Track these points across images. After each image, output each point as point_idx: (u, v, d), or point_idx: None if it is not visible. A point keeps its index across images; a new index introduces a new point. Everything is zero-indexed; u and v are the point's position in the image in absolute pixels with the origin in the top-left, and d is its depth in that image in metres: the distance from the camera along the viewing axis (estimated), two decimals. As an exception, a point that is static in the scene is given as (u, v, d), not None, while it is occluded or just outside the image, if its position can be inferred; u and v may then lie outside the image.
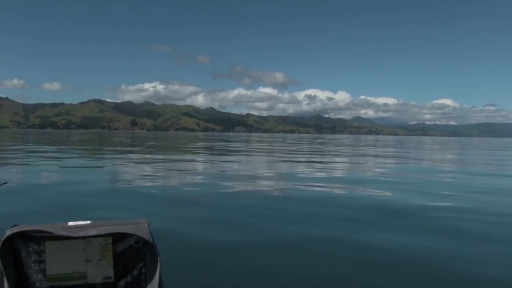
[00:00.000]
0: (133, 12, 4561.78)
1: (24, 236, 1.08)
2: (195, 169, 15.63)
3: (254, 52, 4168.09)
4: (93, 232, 1.06)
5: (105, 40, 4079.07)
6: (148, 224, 1.11)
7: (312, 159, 21.89)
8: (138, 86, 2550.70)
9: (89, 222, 1.09)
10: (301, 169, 16.21)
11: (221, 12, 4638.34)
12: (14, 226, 1.08)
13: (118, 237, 1.12)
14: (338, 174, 14.71)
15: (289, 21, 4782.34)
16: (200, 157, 23.06)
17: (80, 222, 1.09)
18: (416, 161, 23.17)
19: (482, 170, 17.70)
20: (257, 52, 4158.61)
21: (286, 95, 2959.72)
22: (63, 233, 1.04)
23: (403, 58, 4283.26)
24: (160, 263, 1.11)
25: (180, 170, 14.77)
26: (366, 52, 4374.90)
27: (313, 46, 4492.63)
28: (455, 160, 25.33)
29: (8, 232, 1.05)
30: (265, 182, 11.77)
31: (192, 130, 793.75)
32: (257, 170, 15.23)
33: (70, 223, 1.08)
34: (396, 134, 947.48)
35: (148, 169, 15.01)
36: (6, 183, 1.20)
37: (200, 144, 44.68)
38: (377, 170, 16.27)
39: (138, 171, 13.81)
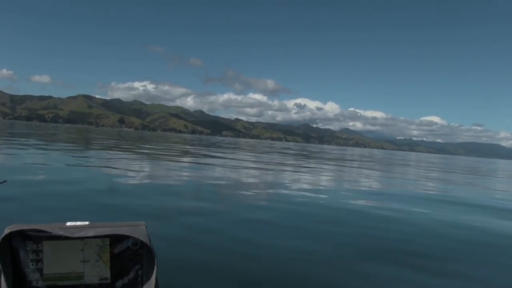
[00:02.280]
0: (128, 12, 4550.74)
1: (22, 235, 1.08)
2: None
3: (248, 58, 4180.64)
4: (91, 233, 1.07)
5: (98, 38, 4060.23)
6: (146, 227, 1.12)
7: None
8: (128, 84, 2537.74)
9: (87, 223, 1.10)
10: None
11: (218, 18, 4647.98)
12: (13, 224, 1.08)
13: (115, 239, 1.13)
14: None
15: (284, 31, 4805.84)
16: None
17: (79, 223, 1.10)
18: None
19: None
20: (250, 59, 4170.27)
21: (276, 103, 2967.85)
22: (61, 233, 1.05)
23: (394, 74, 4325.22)
24: (157, 266, 1.11)
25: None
26: (357, 65, 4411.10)
27: (305, 56, 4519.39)
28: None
29: (6, 231, 1.06)
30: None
31: (180, 131, 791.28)
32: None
33: (69, 223, 1.09)
34: (383, 148, 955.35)
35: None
36: (5, 181, 1.67)
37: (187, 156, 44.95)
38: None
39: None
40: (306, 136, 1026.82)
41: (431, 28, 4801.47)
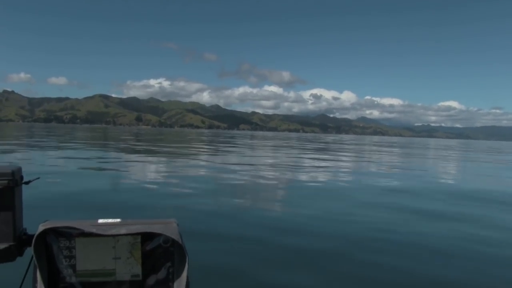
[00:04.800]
0: (141, 9, 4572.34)
1: (56, 232, 1.11)
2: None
3: (262, 50, 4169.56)
4: (122, 230, 1.08)
5: (113, 36, 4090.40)
6: (177, 224, 1.13)
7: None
8: (144, 82, 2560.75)
9: (118, 220, 1.12)
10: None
11: (230, 10, 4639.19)
12: (46, 221, 1.10)
13: (147, 236, 1.14)
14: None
15: (297, 19, 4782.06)
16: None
17: (110, 220, 1.12)
18: None
19: None
20: (265, 50, 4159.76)
21: (291, 94, 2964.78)
22: (93, 230, 1.07)
23: (410, 58, 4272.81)
24: (188, 264, 1.12)
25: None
26: (372, 52, 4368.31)
27: (320, 44, 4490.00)
28: None
29: (41, 228, 1.08)
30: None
31: (197, 127, 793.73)
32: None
33: (100, 221, 1.11)
34: (401, 135, 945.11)
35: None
36: (39, 178, 1.23)
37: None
38: None
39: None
40: (323, 127, 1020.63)
41: (446, 9, 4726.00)
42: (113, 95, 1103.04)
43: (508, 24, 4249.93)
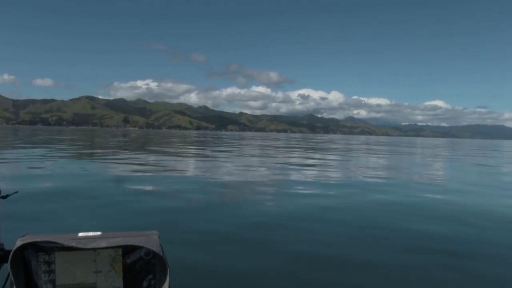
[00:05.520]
0: (128, 7, 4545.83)
1: (35, 246, 1.09)
2: None
3: (250, 50, 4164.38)
4: (103, 244, 1.07)
5: (100, 34, 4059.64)
6: (159, 236, 1.12)
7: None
8: (131, 83, 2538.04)
9: (99, 233, 1.11)
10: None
11: (218, 8, 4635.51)
12: (25, 235, 1.09)
13: (128, 249, 1.13)
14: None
15: (284, 17, 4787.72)
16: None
17: (90, 233, 1.10)
18: None
19: None
20: (253, 50, 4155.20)
21: (279, 94, 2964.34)
22: (73, 244, 1.06)
23: (397, 56, 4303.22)
24: (169, 276, 1.12)
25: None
26: (359, 50, 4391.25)
27: (307, 43, 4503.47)
28: None
29: (19, 243, 1.06)
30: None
31: (185, 128, 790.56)
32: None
33: (81, 234, 1.10)
34: (388, 135, 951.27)
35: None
36: (17, 192, 1.24)
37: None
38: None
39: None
40: (311, 127, 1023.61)
41: (434, 6, 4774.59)
42: (100, 97, 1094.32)
43: (494, 22, 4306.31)
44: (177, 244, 5.88)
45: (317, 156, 30.88)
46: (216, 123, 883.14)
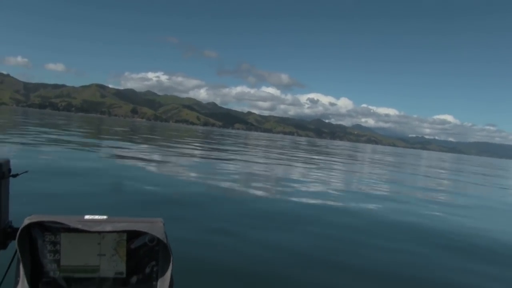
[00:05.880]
0: (145, 2, 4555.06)
1: (41, 226, 1.10)
2: None
3: (262, 50, 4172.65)
4: (108, 227, 1.08)
5: (113, 25, 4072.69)
6: (164, 224, 1.12)
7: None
8: (142, 74, 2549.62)
9: (105, 217, 1.11)
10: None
11: (232, 6, 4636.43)
12: (32, 215, 1.09)
13: (132, 234, 1.14)
14: None
15: (298, 20, 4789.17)
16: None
17: (97, 217, 1.11)
18: None
19: None
20: (265, 51, 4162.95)
21: (289, 97, 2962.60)
22: (79, 226, 1.07)
23: (408, 66, 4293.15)
24: (172, 263, 1.12)
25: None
26: (371, 58, 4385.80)
27: (320, 47, 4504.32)
28: None
29: (26, 221, 1.07)
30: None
31: (192, 123, 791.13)
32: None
33: (87, 217, 1.10)
34: (394, 145, 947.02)
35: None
36: (27, 171, 1.23)
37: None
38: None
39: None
40: (318, 131, 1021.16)
41: (447, 17, 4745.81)
42: (110, 86, 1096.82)
43: (507, 38, 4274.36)
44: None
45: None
46: (223, 121, 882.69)
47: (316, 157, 35.94)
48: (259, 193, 11.47)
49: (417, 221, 9.42)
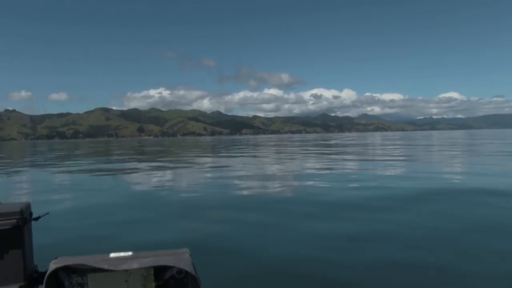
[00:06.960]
0: (138, 15, 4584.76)
1: (67, 268, 1.10)
2: None
3: (259, 51, 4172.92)
4: (135, 265, 1.07)
5: (111, 42, 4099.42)
6: (190, 254, 1.12)
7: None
8: (144, 93, 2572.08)
9: (130, 253, 1.11)
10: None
11: (223, 11, 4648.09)
12: (57, 258, 1.10)
13: (160, 267, 1.13)
14: None
15: (291, 16, 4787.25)
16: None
17: (122, 254, 1.11)
18: None
19: None
20: (262, 52, 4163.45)
21: (292, 96, 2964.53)
22: (105, 266, 1.06)
23: (407, 50, 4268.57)
24: None
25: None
26: (369, 45, 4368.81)
27: (316, 40, 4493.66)
28: None
29: (53, 266, 1.07)
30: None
31: (199, 134, 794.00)
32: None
33: (112, 255, 1.10)
34: (403, 130, 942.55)
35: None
36: (48, 213, 1.24)
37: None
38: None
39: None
40: (325, 126, 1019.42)
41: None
42: (114, 108, 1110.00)
43: (507, 10, 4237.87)
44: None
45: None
46: (230, 128, 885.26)
47: (371, 150, 34.54)
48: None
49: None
